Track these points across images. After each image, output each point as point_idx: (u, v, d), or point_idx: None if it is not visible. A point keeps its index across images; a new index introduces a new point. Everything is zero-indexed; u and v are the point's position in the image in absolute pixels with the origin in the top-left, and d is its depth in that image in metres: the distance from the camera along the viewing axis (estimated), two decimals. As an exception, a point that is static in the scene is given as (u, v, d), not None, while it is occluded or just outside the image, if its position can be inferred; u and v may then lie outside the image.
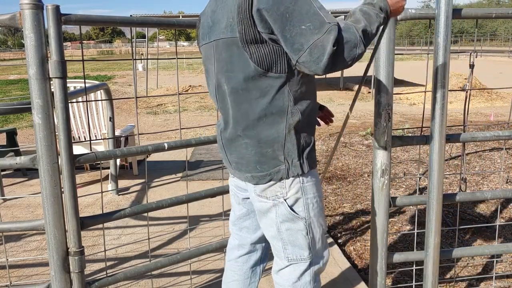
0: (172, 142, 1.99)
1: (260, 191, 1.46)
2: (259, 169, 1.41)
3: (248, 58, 1.29)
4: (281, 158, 1.38)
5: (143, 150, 1.90)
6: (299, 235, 1.47)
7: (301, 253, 1.49)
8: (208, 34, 1.44)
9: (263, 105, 1.34)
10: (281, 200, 1.43)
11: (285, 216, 1.45)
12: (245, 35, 1.27)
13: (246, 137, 1.39)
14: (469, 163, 4.90)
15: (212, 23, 1.41)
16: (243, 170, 1.46)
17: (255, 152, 1.39)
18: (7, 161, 1.78)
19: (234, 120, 1.41)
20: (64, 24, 1.60)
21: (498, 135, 1.94)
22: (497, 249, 2.10)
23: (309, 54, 1.19)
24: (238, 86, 1.35)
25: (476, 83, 10.81)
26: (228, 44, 1.33)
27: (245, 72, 1.32)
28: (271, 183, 1.42)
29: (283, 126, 1.35)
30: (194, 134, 7.24)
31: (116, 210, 1.92)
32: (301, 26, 1.19)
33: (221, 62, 1.38)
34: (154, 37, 68.11)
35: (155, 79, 15.14)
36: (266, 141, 1.37)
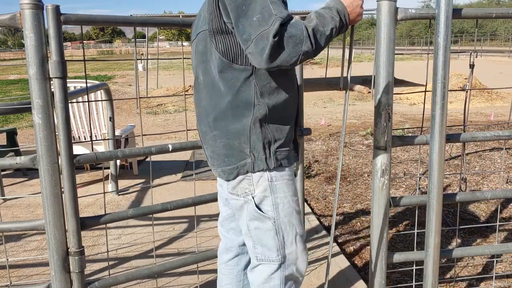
0: (177, 143, 1.95)
1: (231, 188, 1.45)
2: (227, 162, 1.41)
3: (214, 48, 1.33)
4: (247, 151, 1.38)
5: (146, 151, 1.88)
6: (267, 235, 1.43)
7: (269, 254, 1.45)
8: (194, 31, 1.49)
9: (230, 97, 1.35)
10: (249, 197, 1.42)
11: (252, 214, 1.43)
12: (212, 25, 1.32)
13: (215, 129, 1.40)
14: (469, 163, 4.90)
15: (197, 19, 1.47)
16: (215, 165, 1.46)
17: (224, 145, 1.40)
18: (7, 161, 1.78)
19: (207, 112, 1.43)
20: (64, 24, 1.61)
21: (498, 135, 1.94)
22: (497, 249, 2.10)
23: (255, 45, 1.19)
24: (211, 78, 1.38)
25: (476, 83, 10.81)
26: (203, 37, 1.38)
27: (215, 64, 1.35)
28: (240, 178, 1.40)
29: (249, 119, 1.35)
30: (194, 134, 7.24)
31: (119, 212, 1.92)
32: (252, 18, 1.20)
33: (198, 54, 1.43)
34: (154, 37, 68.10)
35: (155, 79, 15.14)
36: (233, 133, 1.37)
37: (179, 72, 21.87)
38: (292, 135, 1.48)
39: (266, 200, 1.41)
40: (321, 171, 4.76)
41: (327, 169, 4.83)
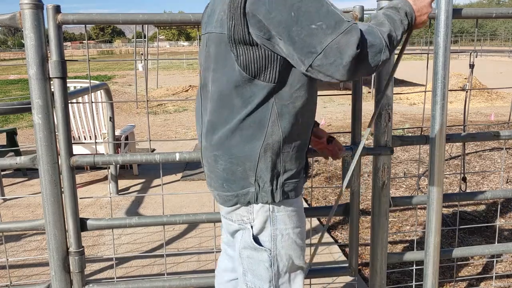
0: (185, 152, 1.79)
1: (225, 212, 1.31)
2: (225, 187, 1.24)
3: (235, 60, 1.14)
4: (251, 179, 1.21)
5: (151, 159, 1.76)
6: (260, 266, 1.28)
7: (260, 284, 1.29)
8: (206, 25, 1.28)
9: (242, 115, 1.17)
10: (247, 225, 1.27)
11: (247, 243, 1.27)
12: (234, 34, 1.12)
13: (218, 148, 1.22)
14: (469, 163, 4.89)
15: (211, 13, 1.24)
16: (212, 186, 1.31)
17: (224, 168, 1.22)
18: (7, 161, 1.78)
19: (210, 127, 1.24)
20: (64, 24, 1.60)
21: (498, 135, 1.94)
22: (497, 249, 2.10)
23: (324, 57, 1.04)
24: (222, 90, 1.19)
25: (476, 83, 10.81)
26: (217, 40, 1.18)
27: (229, 75, 1.16)
28: (237, 206, 1.25)
29: (259, 143, 1.18)
30: (194, 134, 7.24)
31: (122, 217, 1.90)
32: (310, 25, 1.03)
33: (209, 58, 1.24)
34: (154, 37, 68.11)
35: (155, 79, 15.13)
36: (238, 157, 1.20)
37: (179, 72, 21.87)
38: (304, 162, 1.30)
39: (264, 231, 1.26)
40: (321, 171, 4.75)
41: (327, 169, 4.83)
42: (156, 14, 1.69)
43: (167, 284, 1.88)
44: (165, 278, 1.92)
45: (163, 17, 1.71)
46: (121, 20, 1.66)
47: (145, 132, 7.47)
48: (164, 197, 3.83)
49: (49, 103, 1.63)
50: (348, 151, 1.76)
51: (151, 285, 1.87)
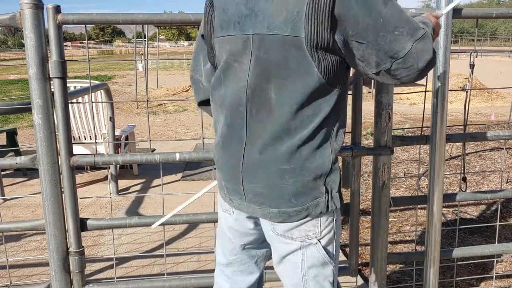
0: (185, 152, 1.78)
1: (283, 230, 1.19)
2: (294, 202, 1.15)
3: (314, 66, 1.07)
4: (322, 188, 1.15)
5: (151, 159, 1.76)
6: (326, 284, 1.22)
7: None
8: (240, 25, 1.13)
9: (314, 125, 1.11)
10: (313, 241, 1.18)
11: (316, 259, 1.19)
12: (316, 37, 1.04)
13: (287, 162, 1.12)
14: (469, 163, 4.90)
15: (250, 12, 1.11)
16: (267, 204, 1.17)
17: (295, 181, 1.13)
18: (7, 161, 1.78)
19: (272, 139, 1.13)
20: (64, 24, 1.61)
21: (498, 135, 1.94)
22: (497, 249, 2.10)
23: (403, 61, 1.05)
24: (294, 98, 1.09)
25: (476, 83, 10.81)
26: (284, 44, 1.07)
27: (305, 82, 1.08)
28: (305, 220, 1.16)
29: (329, 151, 1.14)
30: (194, 134, 7.24)
31: (122, 217, 1.90)
32: (394, 32, 1.04)
33: (265, 63, 1.10)
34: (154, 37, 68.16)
35: (155, 79, 15.14)
36: (311, 168, 1.13)
37: (179, 72, 21.87)
38: None
39: (331, 243, 1.21)
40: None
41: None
42: (156, 14, 1.70)
43: (167, 284, 1.88)
44: (165, 278, 1.92)
45: (163, 17, 1.71)
46: (121, 20, 1.66)
47: (145, 132, 7.47)
48: (164, 197, 3.83)
49: (49, 103, 1.63)
50: (348, 151, 1.76)
51: (151, 285, 1.87)
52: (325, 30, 1.04)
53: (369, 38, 1.04)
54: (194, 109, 10.08)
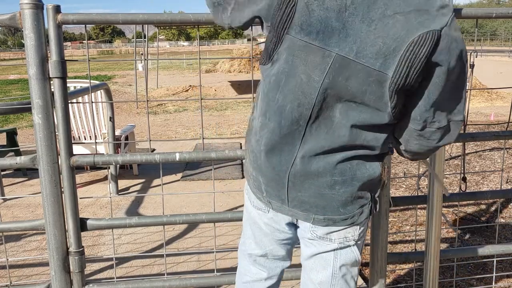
0: (185, 153, 1.77)
1: (323, 233, 1.19)
2: (342, 211, 1.15)
3: (389, 106, 1.04)
4: (367, 195, 1.17)
5: (151, 159, 1.75)
6: (351, 283, 1.25)
7: None
8: (324, 36, 1.03)
9: (372, 144, 1.12)
10: (351, 243, 1.20)
11: (349, 259, 1.22)
12: (405, 81, 1.00)
13: (339, 174, 1.12)
14: (469, 163, 4.90)
15: (341, 27, 1.02)
16: (312, 212, 1.17)
17: (344, 191, 1.14)
18: (7, 161, 1.78)
19: (325, 152, 1.12)
20: (64, 24, 1.60)
21: (498, 134, 1.94)
22: (497, 249, 2.10)
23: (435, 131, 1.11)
24: (356, 124, 1.08)
25: (476, 83, 10.81)
26: (368, 76, 1.01)
27: (374, 117, 1.06)
28: (349, 226, 1.18)
29: (378, 164, 1.17)
30: (194, 134, 7.24)
31: (122, 217, 1.90)
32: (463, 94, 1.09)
33: (340, 88, 1.05)
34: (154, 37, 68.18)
35: (155, 79, 15.14)
36: (360, 178, 1.14)
37: (179, 72, 21.87)
38: None
39: (361, 245, 1.25)
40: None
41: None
42: (156, 14, 1.69)
43: (167, 284, 1.88)
44: (165, 278, 1.92)
45: (163, 17, 1.71)
46: (121, 20, 1.65)
47: (145, 132, 7.47)
48: (164, 197, 3.83)
49: (49, 103, 1.63)
50: None
51: (151, 285, 1.87)
52: (415, 75, 1.00)
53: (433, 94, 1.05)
54: (194, 109, 10.09)
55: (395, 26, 0.98)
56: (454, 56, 1.00)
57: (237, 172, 4.57)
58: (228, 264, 2.66)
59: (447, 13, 0.99)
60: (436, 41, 0.97)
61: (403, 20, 0.98)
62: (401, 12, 0.98)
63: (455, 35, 1.00)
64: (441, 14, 0.99)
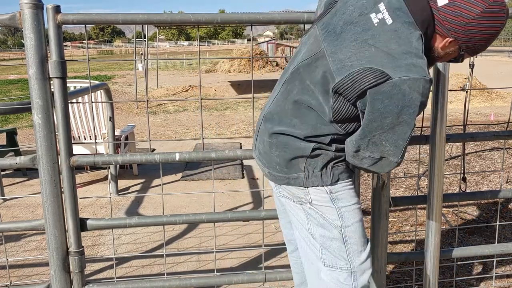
0: (185, 153, 1.78)
1: (285, 191, 1.42)
2: (278, 169, 1.38)
3: (330, 102, 1.26)
4: (301, 166, 1.34)
5: (151, 159, 1.76)
6: (334, 243, 1.39)
7: (337, 262, 1.40)
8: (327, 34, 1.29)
9: (309, 133, 1.32)
10: (307, 205, 1.38)
11: (317, 221, 1.39)
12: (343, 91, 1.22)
13: (275, 138, 1.36)
14: (469, 163, 4.90)
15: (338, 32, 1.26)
16: (263, 163, 1.43)
17: (278, 155, 1.36)
18: (7, 161, 1.78)
19: (278, 119, 1.37)
20: (64, 24, 1.60)
21: (498, 134, 1.94)
22: (497, 249, 2.10)
23: (361, 159, 1.29)
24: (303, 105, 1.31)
25: (476, 83, 10.81)
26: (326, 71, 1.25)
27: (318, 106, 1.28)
28: (290, 187, 1.38)
29: (313, 144, 1.32)
30: (194, 135, 7.24)
31: (122, 217, 1.89)
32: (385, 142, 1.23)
33: (309, 71, 1.31)
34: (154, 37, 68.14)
35: (155, 79, 15.14)
36: (291, 149, 1.34)
37: (179, 72, 21.87)
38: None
39: (330, 210, 1.37)
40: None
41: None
42: (156, 14, 1.69)
43: (167, 284, 1.88)
44: (165, 278, 1.92)
45: (163, 17, 1.71)
46: (121, 20, 1.65)
47: (145, 132, 7.47)
48: (164, 197, 3.83)
49: (49, 103, 1.63)
50: None
51: (151, 285, 1.87)
52: (353, 93, 1.20)
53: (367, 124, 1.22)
54: (194, 109, 10.08)
55: (365, 53, 1.18)
56: (393, 105, 1.15)
57: (237, 172, 4.57)
58: (228, 264, 2.66)
59: (412, 72, 1.13)
60: (381, 81, 1.14)
61: (373, 52, 1.17)
62: (377, 47, 1.17)
63: (406, 90, 1.14)
64: (405, 69, 1.13)
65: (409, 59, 1.15)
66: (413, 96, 1.14)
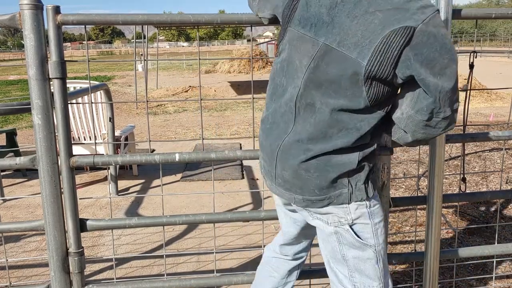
0: (185, 153, 1.77)
1: (319, 214, 1.30)
2: (317, 192, 1.25)
3: (364, 91, 1.14)
4: (344, 181, 1.24)
5: (150, 159, 1.75)
6: (367, 264, 1.31)
7: (370, 283, 1.33)
8: (316, 28, 1.19)
9: (351, 138, 1.20)
10: (345, 227, 1.28)
11: (351, 243, 1.30)
12: (377, 69, 1.11)
13: (315, 159, 1.23)
14: (469, 164, 4.90)
15: (329, 20, 1.16)
16: (292, 191, 1.29)
17: (318, 175, 1.23)
18: (7, 162, 1.78)
19: (309, 138, 1.23)
20: (64, 25, 1.60)
21: (498, 135, 1.94)
22: (497, 249, 2.10)
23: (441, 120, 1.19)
24: (333, 111, 1.18)
25: (475, 83, 10.82)
26: (345, 63, 1.13)
27: (350, 100, 1.16)
28: (331, 207, 1.26)
29: (357, 154, 1.23)
30: (194, 135, 7.24)
31: (122, 218, 1.89)
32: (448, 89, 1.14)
33: (321, 73, 1.17)
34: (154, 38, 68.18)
35: (155, 79, 15.14)
36: (335, 166, 1.22)
37: (179, 73, 21.88)
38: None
39: (366, 228, 1.29)
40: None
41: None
42: (155, 14, 1.69)
43: (167, 284, 1.87)
44: (165, 278, 1.91)
45: (163, 18, 1.70)
46: (121, 21, 1.65)
47: (145, 132, 7.47)
48: (164, 198, 3.83)
49: (49, 103, 1.63)
50: None
51: (150, 286, 1.87)
52: (388, 65, 1.10)
53: (438, 72, 1.10)
54: (193, 109, 10.09)
55: (374, 22, 1.09)
56: (433, 50, 1.08)
57: (237, 173, 4.57)
58: (228, 264, 2.66)
59: (427, 12, 1.08)
60: (409, 36, 1.07)
61: (382, 16, 1.09)
62: (381, 10, 1.10)
63: (433, 31, 1.08)
64: (420, 13, 1.08)
65: (415, 2, 1.10)
66: (442, 32, 1.10)
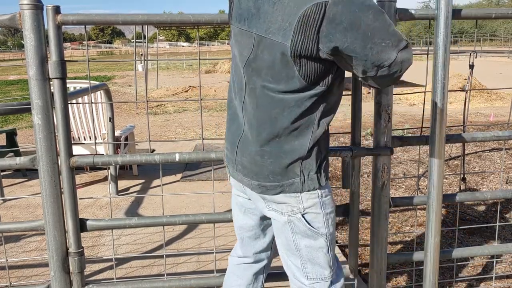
0: (185, 153, 1.78)
1: (272, 203, 1.35)
2: (271, 178, 1.30)
3: (296, 70, 1.20)
4: (297, 170, 1.28)
5: (150, 160, 1.76)
6: (319, 253, 1.37)
7: (322, 272, 1.39)
8: (248, 21, 1.28)
9: (295, 115, 1.24)
10: (298, 216, 1.33)
11: (304, 232, 1.34)
12: (300, 48, 1.16)
13: (267, 145, 1.29)
14: (469, 164, 4.90)
15: (256, 12, 1.25)
16: (249, 176, 1.35)
17: (272, 161, 1.29)
18: (7, 162, 1.78)
19: (258, 123, 1.29)
20: (64, 25, 1.60)
21: (498, 135, 1.94)
22: (497, 249, 2.10)
23: (388, 69, 1.16)
24: (274, 93, 1.24)
25: (475, 83, 10.82)
26: (274, 48, 1.20)
27: (287, 83, 1.22)
28: (283, 195, 1.31)
29: (308, 138, 1.27)
30: (194, 135, 7.24)
31: (122, 218, 1.89)
32: (381, 43, 1.13)
33: (259, 61, 1.25)
34: (154, 38, 68.18)
35: (155, 79, 15.14)
36: (287, 152, 1.27)
37: (179, 73, 21.88)
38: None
39: (318, 217, 1.34)
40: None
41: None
42: (155, 14, 1.69)
43: (167, 284, 1.87)
44: (165, 278, 1.92)
45: (163, 18, 1.71)
46: (121, 21, 1.65)
47: (145, 132, 7.47)
48: (164, 198, 3.83)
49: (49, 103, 1.63)
50: (348, 152, 1.76)
51: (150, 286, 1.87)
52: (310, 43, 1.15)
53: (357, 50, 1.14)
54: (193, 109, 10.08)
55: (289, 5, 1.16)
56: (352, 14, 1.11)
57: (237, 173, 4.57)
58: (228, 264, 2.66)
59: None
60: (323, 10, 1.11)
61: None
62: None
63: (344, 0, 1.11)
64: None
65: None
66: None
